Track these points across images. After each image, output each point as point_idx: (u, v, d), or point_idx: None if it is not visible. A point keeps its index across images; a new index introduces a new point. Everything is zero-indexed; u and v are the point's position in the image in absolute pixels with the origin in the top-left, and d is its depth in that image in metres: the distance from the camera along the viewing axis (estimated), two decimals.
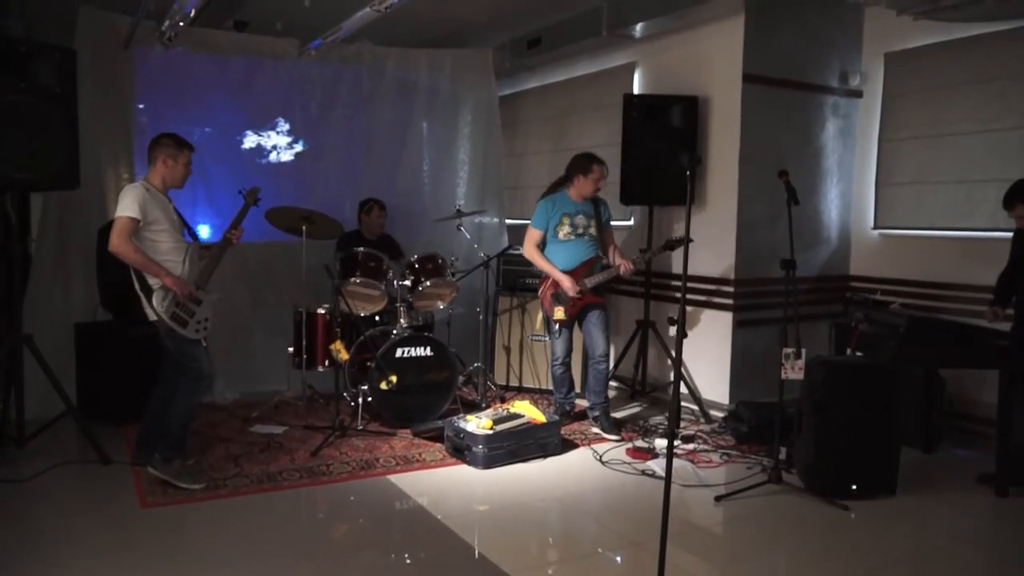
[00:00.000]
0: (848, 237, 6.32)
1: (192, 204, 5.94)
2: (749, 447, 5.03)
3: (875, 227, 6.11)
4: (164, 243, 4.17)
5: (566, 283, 5.21)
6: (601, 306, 5.35)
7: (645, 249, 5.63)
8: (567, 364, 5.46)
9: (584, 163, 5.28)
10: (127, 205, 4.03)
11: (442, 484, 4.40)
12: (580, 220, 5.30)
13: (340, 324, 5.36)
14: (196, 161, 4.47)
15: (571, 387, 5.57)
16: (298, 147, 6.75)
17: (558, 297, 5.27)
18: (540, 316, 6.15)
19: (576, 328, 5.47)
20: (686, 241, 3.07)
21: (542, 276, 5.43)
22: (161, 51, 5.97)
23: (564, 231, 5.29)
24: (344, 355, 5.05)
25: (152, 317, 4.13)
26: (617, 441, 5.19)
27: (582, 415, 5.58)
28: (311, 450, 4.79)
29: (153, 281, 4.09)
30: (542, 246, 5.38)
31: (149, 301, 4.09)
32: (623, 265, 5.26)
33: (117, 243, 3.99)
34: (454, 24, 6.95)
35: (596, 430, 5.31)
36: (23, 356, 4.61)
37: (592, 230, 5.33)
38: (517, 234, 5.51)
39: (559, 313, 5.26)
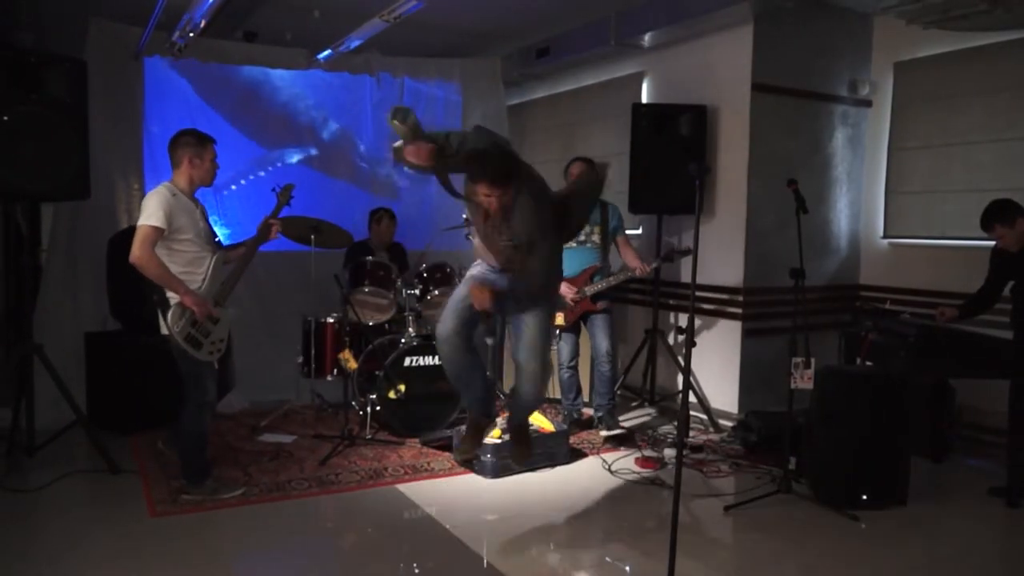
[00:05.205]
0: (858, 246, 6.30)
1: None
2: (758, 457, 5.01)
3: (885, 236, 6.09)
4: (187, 253, 3.86)
5: (560, 289, 5.24)
6: (604, 311, 5.35)
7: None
8: (573, 368, 5.48)
9: (568, 167, 5.39)
10: (151, 212, 3.70)
11: (451, 493, 4.40)
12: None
13: (349, 333, 5.37)
14: None
15: (578, 392, 5.57)
16: (307, 156, 6.76)
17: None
18: None
19: (584, 334, 5.47)
20: (693, 252, 3.07)
21: None
22: (171, 61, 6.00)
23: None
24: (353, 364, 5.06)
25: (165, 332, 3.85)
26: (622, 432, 5.21)
27: (590, 423, 5.56)
28: (320, 459, 4.79)
29: (171, 295, 3.81)
30: None
31: (164, 316, 3.80)
32: (638, 268, 5.28)
33: (139, 254, 3.66)
34: (463, 33, 6.97)
35: (603, 432, 5.29)
36: (33, 365, 4.62)
37: (596, 238, 5.33)
38: None
39: (558, 319, 5.28)
